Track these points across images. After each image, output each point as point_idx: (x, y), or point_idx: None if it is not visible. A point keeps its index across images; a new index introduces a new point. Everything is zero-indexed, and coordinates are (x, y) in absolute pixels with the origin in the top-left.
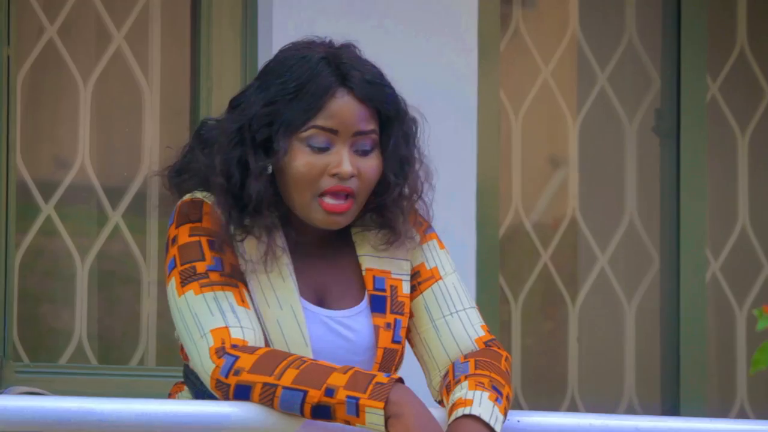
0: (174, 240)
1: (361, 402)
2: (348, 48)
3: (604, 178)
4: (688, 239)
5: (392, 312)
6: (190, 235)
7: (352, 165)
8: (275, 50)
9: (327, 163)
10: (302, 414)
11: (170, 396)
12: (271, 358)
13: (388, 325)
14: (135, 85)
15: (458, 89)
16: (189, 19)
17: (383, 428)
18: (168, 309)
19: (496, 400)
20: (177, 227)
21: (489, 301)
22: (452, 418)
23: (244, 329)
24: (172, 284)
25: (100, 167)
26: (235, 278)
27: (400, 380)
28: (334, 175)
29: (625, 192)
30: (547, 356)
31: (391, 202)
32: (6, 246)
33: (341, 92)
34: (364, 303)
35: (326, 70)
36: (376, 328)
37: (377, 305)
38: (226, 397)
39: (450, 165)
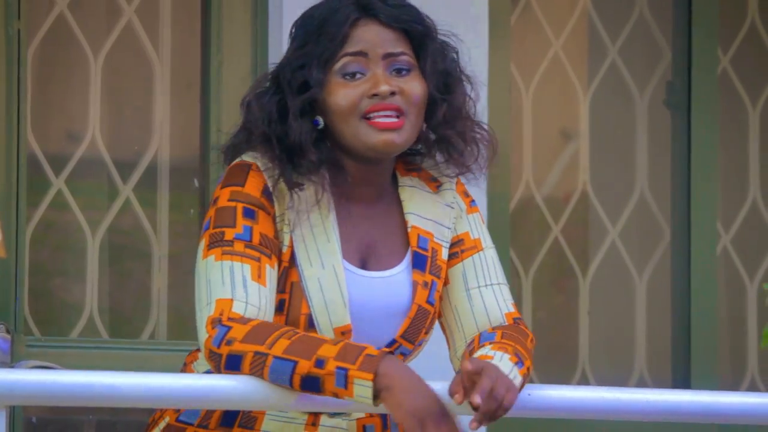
0: (215, 201)
1: (350, 373)
2: None
3: (615, 152)
4: (698, 212)
5: (431, 273)
6: (228, 200)
7: (389, 83)
8: (286, 23)
9: (364, 89)
10: (291, 386)
11: (185, 365)
12: (264, 329)
13: (426, 284)
14: (145, 58)
15: (469, 63)
16: None
17: (371, 401)
18: (178, 283)
19: (517, 363)
20: (221, 189)
21: None
22: None
23: (248, 305)
24: (201, 245)
25: (110, 141)
26: (262, 249)
27: (391, 353)
28: (373, 96)
29: (636, 165)
30: (558, 330)
31: (442, 122)
32: (17, 220)
33: (364, 20)
34: (407, 260)
35: (347, 3)
36: (415, 283)
37: (418, 262)
38: (218, 369)
39: None
